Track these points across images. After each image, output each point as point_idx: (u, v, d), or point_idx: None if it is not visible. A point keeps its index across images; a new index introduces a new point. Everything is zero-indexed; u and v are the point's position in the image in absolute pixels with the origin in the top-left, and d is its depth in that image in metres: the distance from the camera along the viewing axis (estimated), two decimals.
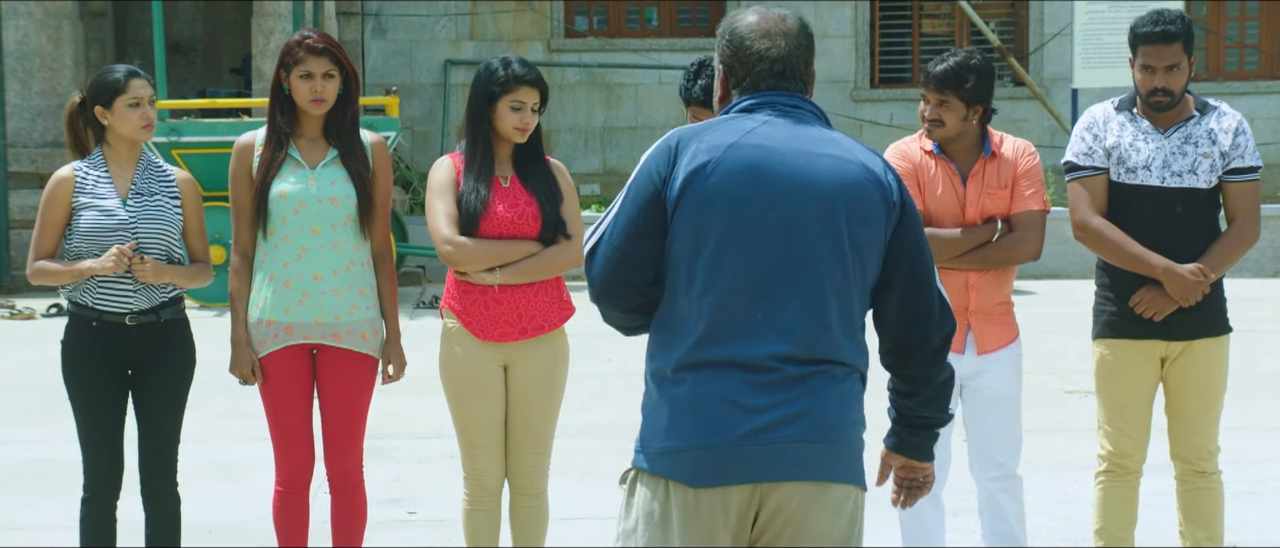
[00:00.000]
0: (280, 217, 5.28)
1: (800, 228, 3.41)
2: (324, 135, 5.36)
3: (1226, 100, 5.70)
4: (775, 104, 3.52)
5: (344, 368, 5.33)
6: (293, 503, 5.42)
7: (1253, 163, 5.43)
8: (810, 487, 3.39)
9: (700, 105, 5.23)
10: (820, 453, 3.39)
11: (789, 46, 3.54)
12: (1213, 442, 5.50)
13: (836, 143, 3.49)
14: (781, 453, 3.36)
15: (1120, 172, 5.41)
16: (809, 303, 3.40)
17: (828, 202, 3.42)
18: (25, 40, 15.93)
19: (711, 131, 3.47)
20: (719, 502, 3.38)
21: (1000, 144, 5.40)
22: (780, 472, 3.37)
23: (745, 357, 3.38)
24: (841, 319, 3.43)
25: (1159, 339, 5.41)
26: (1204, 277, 5.30)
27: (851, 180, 3.44)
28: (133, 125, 5.29)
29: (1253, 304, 13.49)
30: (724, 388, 3.38)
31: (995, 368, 5.36)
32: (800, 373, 3.38)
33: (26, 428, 8.87)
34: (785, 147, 3.44)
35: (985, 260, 5.32)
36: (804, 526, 3.39)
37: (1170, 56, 5.31)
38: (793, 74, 3.54)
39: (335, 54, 5.28)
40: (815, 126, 3.51)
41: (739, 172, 3.41)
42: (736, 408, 3.37)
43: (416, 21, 18.74)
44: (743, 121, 3.49)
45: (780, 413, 3.37)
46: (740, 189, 3.41)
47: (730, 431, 3.36)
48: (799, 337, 3.39)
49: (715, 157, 3.42)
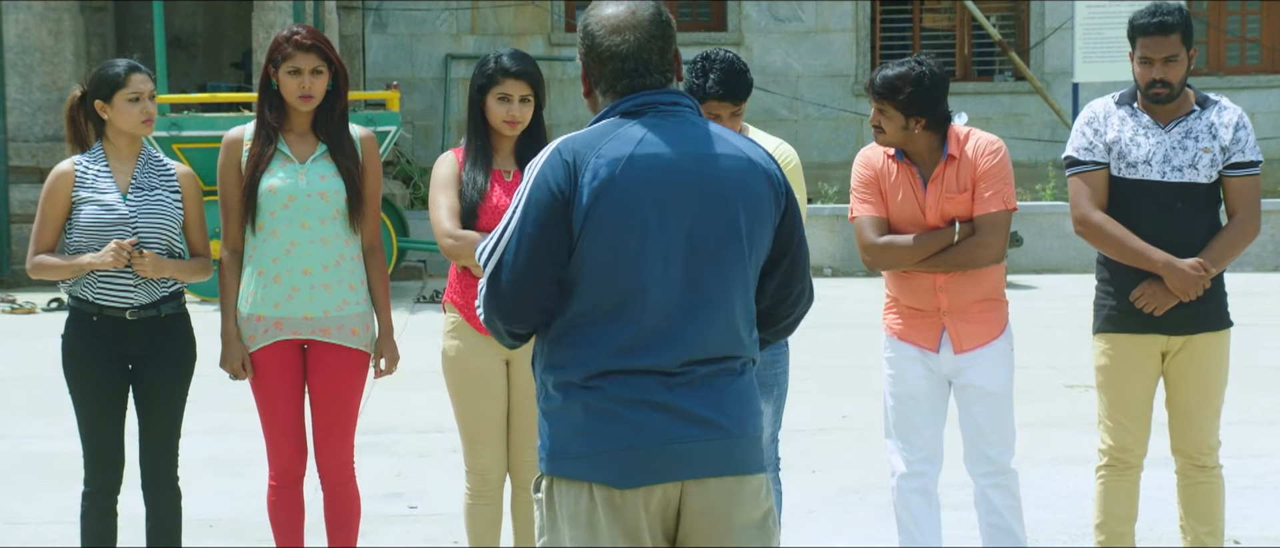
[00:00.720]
0: (269, 211, 5.28)
1: (706, 232, 3.46)
2: (313, 130, 5.37)
3: (1227, 95, 5.69)
4: (657, 105, 3.52)
5: (334, 363, 5.33)
6: (286, 498, 5.43)
7: (1253, 157, 5.42)
8: (730, 481, 3.48)
9: (717, 100, 5.25)
10: (734, 448, 3.48)
11: (639, 40, 3.51)
12: (1213, 436, 5.51)
13: (722, 140, 3.53)
14: (700, 451, 3.44)
15: (1121, 166, 5.41)
16: (718, 306, 3.47)
17: (729, 202, 3.47)
18: (26, 34, 15.93)
19: (605, 142, 3.45)
20: (642, 501, 3.44)
21: (962, 144, 5.33)
22: (701, 469, 3.45)
23: (659, 363, 3.43)
24: (743, 314, 3.52)
25: (1159, 334, 5.41)
26: (1205, 271, 5.30)
27: (745, 176, 3.50)
28: (132, 120, 5.29)
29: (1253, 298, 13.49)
30: (641, 392, 3.43)
31: (978, 365, 5.34)
32: (709, 372, 3.46)
33: (27, 422, 8.88)
34: (680, 151, 3.47)
35: (946, 263, 5.28)
36: (726, 518, 3.47)
37: (1167, 48, 5.30)
38: (647, 68, 3.52)
39: (323, 50, 5.28)
40: (697, 126, 3.53)
41: (643, 182, 3.42)
42: (655, 410, 3.42)
43: (417, 16, 18.74)
44: (631, 129, 3.48)
45: (698, 412, 3.44)
46: (646, 200, 3.42)
47: (651, 433, 3.42)
48: (706, 340, 3.46)
49: (617, 170, 3.42)
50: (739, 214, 3.47)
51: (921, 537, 5.43)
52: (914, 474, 5.40)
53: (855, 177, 5.41)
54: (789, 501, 5.89)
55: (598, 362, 3.44)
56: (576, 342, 3.46)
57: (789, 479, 5.91)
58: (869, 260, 5.35)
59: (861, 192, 5.38)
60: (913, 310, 5.37)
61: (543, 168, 3.45)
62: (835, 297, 14.20)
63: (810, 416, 8.62)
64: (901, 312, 5.41)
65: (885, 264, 5.33)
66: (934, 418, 5.41)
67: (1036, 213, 16.10)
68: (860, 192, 5.38)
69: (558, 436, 3.49)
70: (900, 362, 5.40)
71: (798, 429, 7.93)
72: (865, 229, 5.33)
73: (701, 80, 5.27)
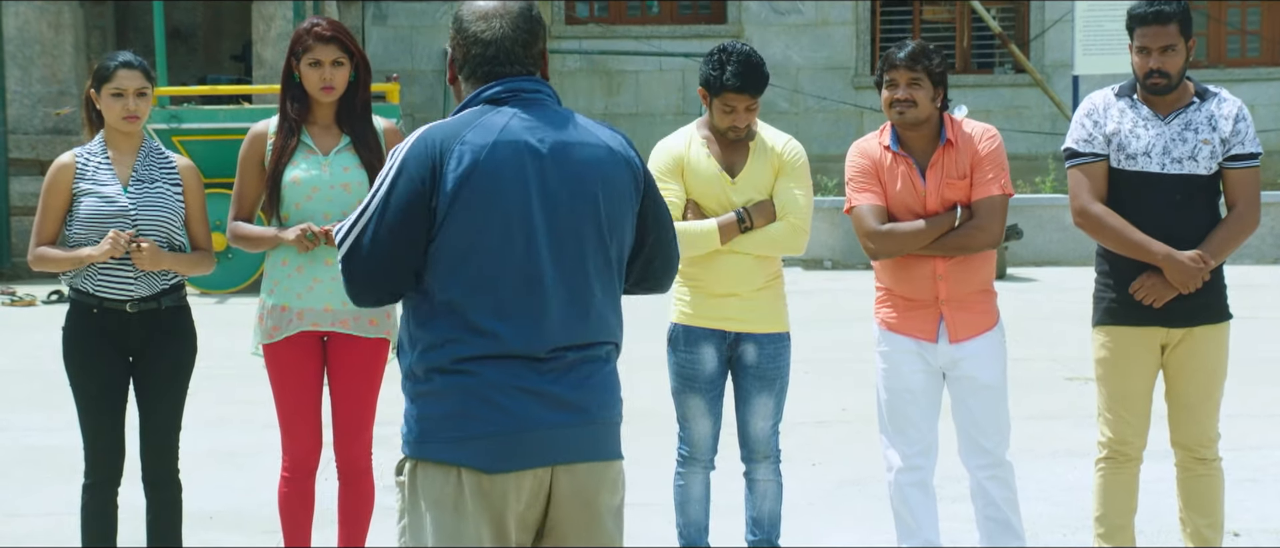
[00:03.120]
0: (293, 203, 5.30)
1: (567, 220, 3.50)
2: (336, 122, 5.38)
3: (1228, 87, 5.69)
4: (520, 93, 3.56)
5: (354, 354, 5.35)
6: (298, 490, 5.43)
7: (1253, 149, 5.42)
8: (598, 466, 3.54)
9: (734, 93, 5.28)
10: (600, 433, 3.54)
11: (504, 29, 3.56)
12: (1213, 429, 5.51)
13: (583, 128, 3.57)
14: (570, 436, 3.49)
15: (1120, 158, 5.41)
16: (583, 292, 3.51)
17: (589, 189, 3.51)
18: (26, 27, 15.93)
19: (469, 130, 3.49)
20: (513, 487, 3.46)
21: (959, 129, 5.36)
22: (571, 454, 3.50)
23: (526, 349, 3.45)
24: (606, 300, 3.56)
25: (1159, 326, 5.41)
26: (1204, 264, 5.30)
27: (605, 164, 3.54)
28: (113, 115, 5.30)
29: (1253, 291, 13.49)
30: (513, 378, 3.45)
31: (973, 356, 5.35)
32: (577, 358, 3.51)
33: (27, 415, 8.88)
34: (542, 138, 3.51)
35: (945, 247, 5.29)
36: (592, 502, 3.53)
37: (1165, 37, 5.31)
38: (510, 58, 3.57)
39: (344, 41, 5.28)
40: (559, 114, 3.58)
41: (505, 170, 3.46)
42: (527, 395, 3.45)
43: (417, 8, 18.73)
44: (495, 117, 3.52)
45: (566, 397, 3.48)
46: (508, 188, 3.46)
47: (523, 418, 3.45)
48: (573, 326, 3.50)
49: (480, 157, 3.46)
50: (599, 201, 3.52)
51: (919, 531, 5.43)
52: (911, 468, 5.41)
53: (852, 167, 5.41)
54: (788, 493, 5.90)
55: (467, 347, 3.46)
56: (445, 327, 3.48)
57: (789, 472, 5.91)
58: (872, 248, 5.32)
59: (860, 181, 5.38)
60: (909, 301, 5.37)
61: (406, 155, 3.48)
62: (835, 289, 14.21)
63: (810, 408, 8.62)
64: (896, 303, 5.40)
65: (889, 251, 5.31)
66: (930, 411, 5.41)
67: (1036, 205, 16.10)
68: (858, 181, 5.38)
69: (426, 420, 3.50)
70: (895, 355, 5.40)
71: (798, 422, 7.94)
72: (866, 217, 5.32)
73: (718, 72, 5.29)
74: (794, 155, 5.49)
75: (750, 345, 5.47)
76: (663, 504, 6.34)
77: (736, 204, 5.41)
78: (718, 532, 5.91)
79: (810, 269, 15.96)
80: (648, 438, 8.06)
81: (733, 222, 5.37)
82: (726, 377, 5.55)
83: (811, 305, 12.54)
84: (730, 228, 5.37)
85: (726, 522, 6.06)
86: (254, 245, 5.36)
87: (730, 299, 5.43)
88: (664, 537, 6.30)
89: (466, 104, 3.57)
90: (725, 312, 5.44)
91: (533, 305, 3.47)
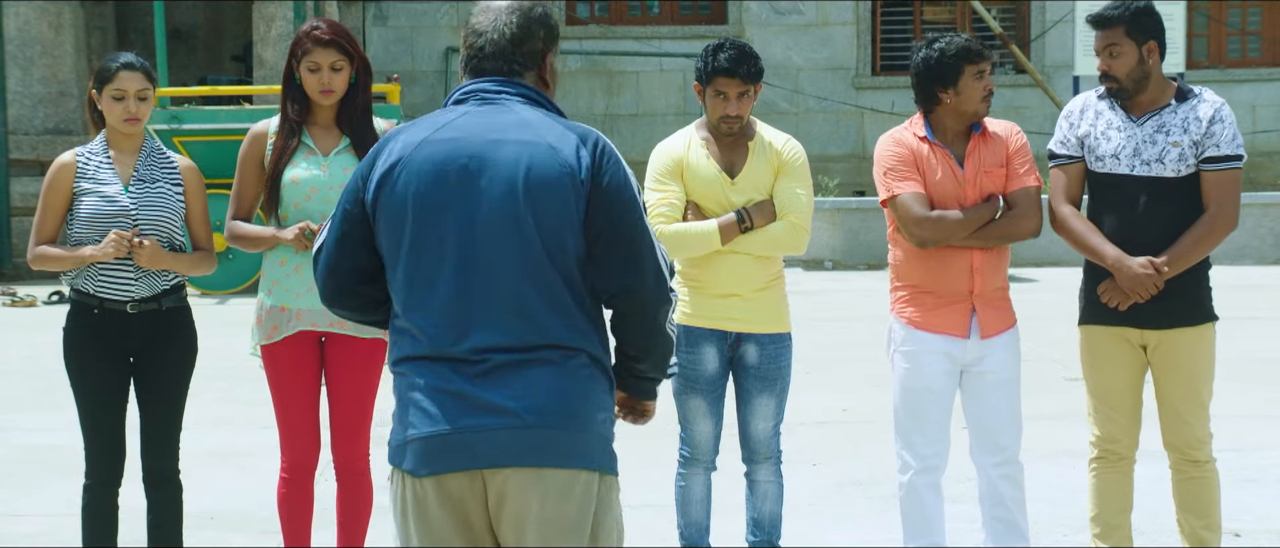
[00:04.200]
0: (293, 203, 5.30)
1: (483, 219, 3.44)
2: (337, 124, 5.38)
3: (1228, 88, 5.69)
4: (481, 92, 3.56)
5: (351, 354, 5.34)
6: (297, 490, 5.43)
7: (1229, 152, 5.31)
8: (528, 473, 3.41)
9: (725, 76, 5.31)
10: (536, 439, 3.41)
11: (500, 28, 3.57)
12: (1201, 431, 5.46)
13: (528, 127, 3.49)
14: (493, 440, 3.40)
15: (1092, 160, 5.43)
16: (502, 292, 3.43)
17: (508, 188, 3.44)
18: (26, 27, 15.93)
19: (413, 127, 3.53)
20: (440, 490, 3.44)
21: (988, 124, 5.42)
22: (494, 458, 3.40)
23: (451, 351, 3.42)
24: (543, 303, 3.44)
25: (1134, 327, 5.40)
26: (1157, 271, 5.26)
27: (533, 164, 3.44)
28: (114, 116, 5.30)
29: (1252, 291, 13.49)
30: (438, 379, 3.43)
31: (997, 352, 5.37)
32: (509, 361, 3.42)
33: (28, 415, 8.88)
34: (472, 136, 3.47)
35: (986, 238, 5.32)
36: (526, 511, 3.41)
37: (1107, 38, 5.32)
38: (501, 57, 3.56)
39: (342, 44, 5.28)
40: (513, 113, 3.52)
41: (424, 170, 3.46)
42: (450, 398, 3.42)
43: (417, 9, 18.73)
44: (445, 114, 3.54)
45: (494, 401, 3.40)
46: (424, 187, 3.45)
47: (445, 421, 3.42)
48: (499, 327, 3.42)
49: (405, 155, 3.48)
50: (520, 201, 3.42)
51: (929, 532, 5.42)
52: (927, 469, 5.40)
53: (888, 157, 5.36)
54: (790, 494, 5.89)
55: (402, 348, 3.49)
56: (393, 328, 3.53)
57: (790, 472, 5.91)
58: (921, 236, 5.27)
59: (900, 170, 5.33)
60: (939, 297, 5.34)
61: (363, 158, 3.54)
62: (835, 290, 14.21)
63: (811, 409, 8.62)
64: (923, 300, 5.36)
65: (937, 238, 5.28)
66: (946, 412, 5.41)
67: None
68: (899, 170, 5.33)
69: (392, 424, 3.56)
70: (921, 355, 5.37)
71: (799, 422, 7.94)
72: (912, 205, 5.28)
73: (711, 58, 5.33)
74: (794, 154, 5.49)
75: (751, 346, 5.47)
76: (664, 505, 6.34)
77: (736, 204, 5.41)
78: (719, 532, 5.91)
79: (811, 269, 15.96)
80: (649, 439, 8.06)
81: (733, 222, 5.37)
82: (728, 377, 5.55)
83: (812, 305, 12.54)
84: (730, 228, 5.37)
85: (727, 522, 6.06)
86: (252, 245, 5.36)
87: (731, 300, 5.43)
88: (665, 537, 6.30)
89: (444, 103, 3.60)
90: (726, 312, 5.44)
91: (449, 307, 3.43)
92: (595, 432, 3.48)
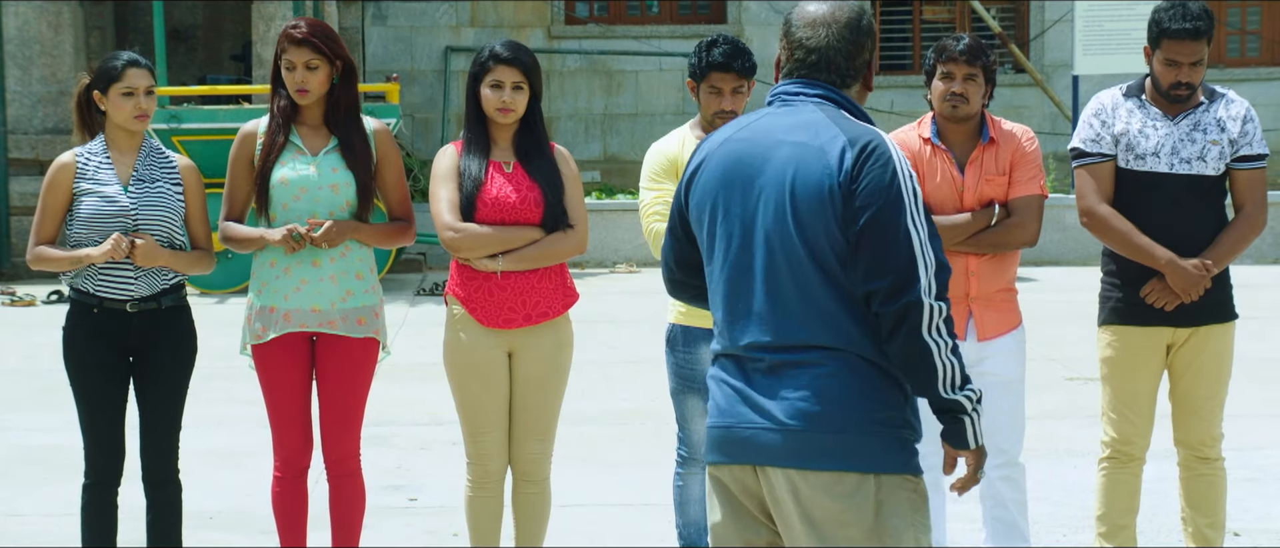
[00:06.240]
0: (281, 203, 5.30)
1: (757, 220, 3.54)
2: (325, 123, 5.37)
3: (1228, 87, 5.68)
4: (785, 94, 3.64)
5: (341, 354, 5.34)
6: (290, 489, 5.43)
7: (1260, 150, 5.40)
8: (793, 474, 3.47)
9: (719, 71, 5.31)
10: (795, 442, 3.45)
11: (829, 37, 3.60)
12: (1217, 428, 5.51)
13: (807, 129, 3.53)
14: (762, 440, 3.49)
15: (1129, 158, 5.41)
16: (771, 292, 3.51)
17: (778, 190, 3.51)
18: (25, 26, 15.91)
19: (728, 125, 3.69)
20: (729, 477, 3.58)
21: (998, 129, 5.40)
22: (764, 457, 3.50)
23: (733, 347, 3.57)
24: (809, 305, 3.47)
25: (1166, 326, 5.41)
26: (1207, 271, 5.29)
27: (800, 166, 3.49)
28: (125, 114, 5.29)
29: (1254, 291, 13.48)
30: (727, 374, 3.59)
31: (997, 354, 5.36)
32: (777, 361, 3.49)
33: (28, 415, 8.88)
34: (760, 138, 3.58)
35: (980, 245, 5.32)
36: (791, 511, 3.48)
37: (1196, 52, 5.30)
38: (828, 66, 3.61)
39: (316, 43, 5.25)
40: (801, 114, 3.56)
41: (719, 169, 3.61)
42: (734, 393, 3.56)
43: (417, 8, 18.72)
44: (752, 116, 3.67)
45: (763, 402, 3.50)
46: (718, 186, 3.61)
47: (730, 414, 3.55)
48: (770, 326, 3.51)
49: (707, 154, 3.66)
50: (788, 203, 3.49)
51: (935, 533, 5.42)
52: (929, 468, 5.38)
53: None
54: None
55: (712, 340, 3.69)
56: None
57: None
58: None
59: None
60: None
61: None
62: None
63: None
64: None
65: None
66: None
67: None
68: None
69: None
70: None
71: None
72: None
73: (705, 54, 5.33)
74: None
75: None
76: (663, 505, 6.33)
77: None
78: None
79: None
80: (647, 439, 8.05)
81: None
82: None
83: None
84: None
85: None
86: (242, 246, 5.36)
87: None
88: (664, 537, 6.30)
89: None
90: None
91: (729, 304, 3.58)
92: (864, 432, 3.46)
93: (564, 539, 6.21)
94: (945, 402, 3.54)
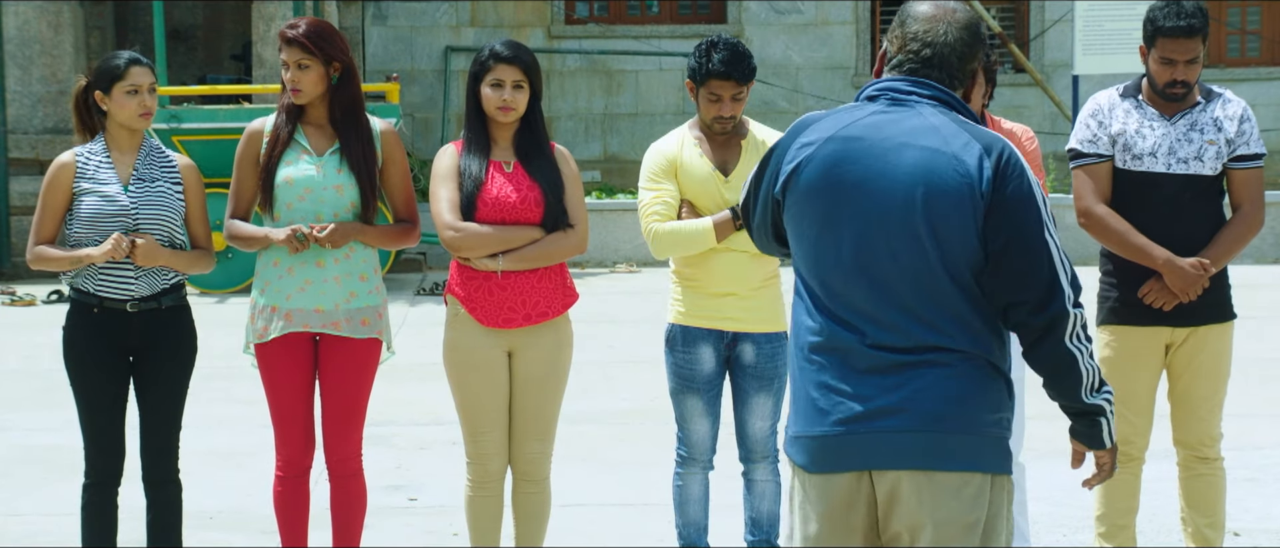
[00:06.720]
0: (286, 203, 5.30)
1: (881, 222, 3.46)
2: (330, 123, 5.38)
3: (1228, 87, 5.68)
4: (893, 91, 3.56)
5: (344, 355, 5.34)
6: (292, 488, 5.43)
7: (1257, 150, 5.42)
8: (920, 476, 3.44)
9: (720, 79, 5.29)
10: (928, 443, 3.43)
11: (947, 35, 3.55)
12: (1216, 427, 5.51)
13: (934, 133, 3.48)
14: (885, 442, 3.44)
15: (1126, 158, 5.41)
16: (895, 296, 3.45)
17: (907, 195, 3.44)
18: (25, 26, 15.91)
19: (828, 119, 3.57)
20: (828, 488, 3.50)
21: (998, 129, 5.40)
22: (885, 460, 3.45)
23: (843, 344, 3.48)
24: (937, 309, 3.44)
25: (1165, 326, 5.41)
26: (1205, 270, 5.30)
27: (932, 171, 3.44)
28: (129, 112, 5.29)
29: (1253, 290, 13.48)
30: (833, 377, 3.49)
31: None
32: (901, 362, 3.44)
33: (28, 414, 8.88)
34: (876, 138, 3.49)
35: None
36: (919, 514, 3.44)
37: (1192, 50, 5.30)
38: (940, 64, 3.55)
39: (306, 44, 5.25)
40: (921, 116, 3.50)
41: (827, 167, 3.51)
42: (843, 397, 3.47)
43: (417, 8, 18.72)
44: (855, 111, 3.56)
45: (880, 403, 3.44)
46: (824, 185, 3.51)
47: (837, 421, 3.47)
48: (888, 326, 3.45)
49: (812, 150, 3.54)
50: (916, 207, 3.43)
51: None
52: None
53: None
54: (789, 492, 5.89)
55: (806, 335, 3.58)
56: (797, 307, 3.63)
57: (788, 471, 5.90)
58: None
59: None
60: None
61: (788, 131, 3.62)
62: None
63: None
64: None
65: None
66: None
67: None
68: None
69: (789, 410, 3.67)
70: None
71: None
72: None
73: (705, 59, 5.31)
74: None
75: (748, 345, 5.46)
76: (663, 505, 6.33)
77: (731, 203, 5.40)
78: (717, 532, 5.90)
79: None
80: (647, 439, 8.05)
81: (727, 219, 5.36)
82: (724, 377, 5.54)
83: None
84: (725, 225, 5.36)
85: (725, 522, 6.05)
86: (247, 244, 5.36)
87: (727, 299, 5.43)
88: (663, 537, 6.30)
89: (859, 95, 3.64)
90: (723, 311, 5.44)
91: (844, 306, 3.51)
92: (987, 434, 3.48)
93: (564, 539, 6.22)
94: (1086, 406, 3.57)
